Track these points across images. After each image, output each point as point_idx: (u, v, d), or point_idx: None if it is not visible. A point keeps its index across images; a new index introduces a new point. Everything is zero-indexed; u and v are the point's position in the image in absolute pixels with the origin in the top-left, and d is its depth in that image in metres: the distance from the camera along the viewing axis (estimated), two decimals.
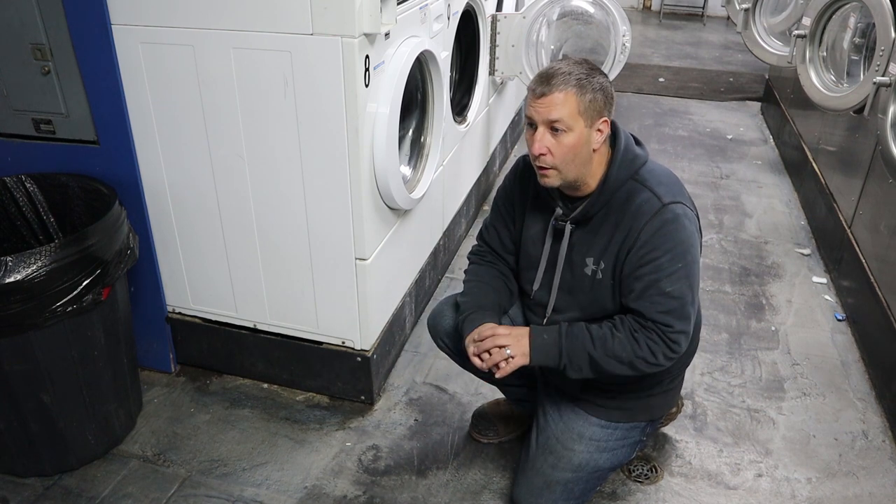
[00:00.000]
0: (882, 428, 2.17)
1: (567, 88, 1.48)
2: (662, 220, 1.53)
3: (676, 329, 1.55)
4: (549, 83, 1.48)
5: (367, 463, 2.02)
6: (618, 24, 3.03)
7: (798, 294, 2.87)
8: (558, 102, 1.48)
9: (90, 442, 1.97)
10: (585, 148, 1.52)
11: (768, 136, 4.59)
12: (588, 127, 1.51)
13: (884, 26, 2.51)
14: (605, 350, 1.57)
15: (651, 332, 1.55)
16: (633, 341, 1.55)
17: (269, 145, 1.89)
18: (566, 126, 1.49)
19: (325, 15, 1.67)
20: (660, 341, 1.55)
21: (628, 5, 8.48)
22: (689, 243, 1.55)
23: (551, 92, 1.48)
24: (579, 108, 1.48)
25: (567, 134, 1.49)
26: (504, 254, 1.83)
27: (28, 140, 2.04)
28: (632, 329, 1.56)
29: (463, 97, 2.92)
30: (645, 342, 1.55)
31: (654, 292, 1.54)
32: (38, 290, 1.64)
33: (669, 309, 1.54)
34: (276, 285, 2.12)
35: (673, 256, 1.52)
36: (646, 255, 1.53)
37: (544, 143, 1.50)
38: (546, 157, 1.52)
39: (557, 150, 1.51)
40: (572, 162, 1.53)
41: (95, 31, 1.83)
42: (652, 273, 1.53)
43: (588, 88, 1.49)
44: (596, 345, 1.57)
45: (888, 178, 2.44)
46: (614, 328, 1.58)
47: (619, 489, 1.95)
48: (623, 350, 1.56)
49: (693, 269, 1.55)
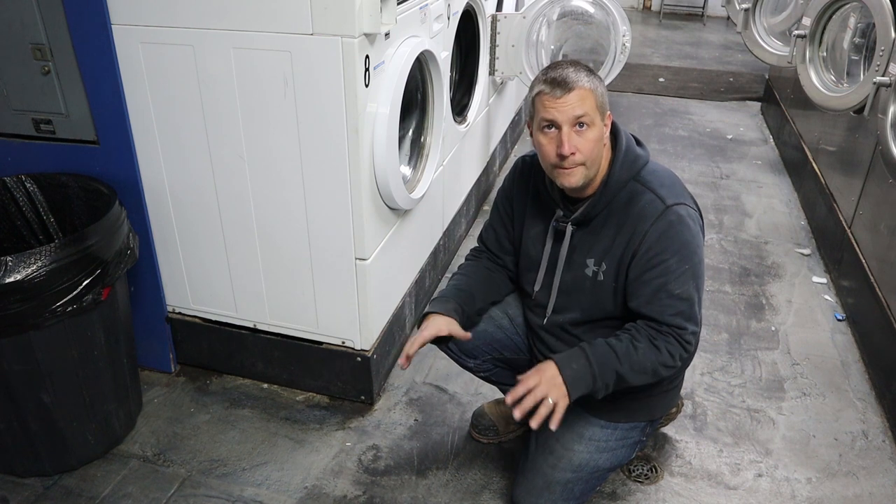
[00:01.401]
0: (882, 428, 2.17)
1: (584, 84, 1.51)
2: (667, 222, 1.54)
3: (689, 331, 1.57)
4: (567, 82, 1.51)
5: (367, 463, 2.02)
6: (618, 24, 3.03)
7: (798, 294, 2.87)
8: (581, 98, 1.51)
9: (90, 442, 1.97)
10: (600, 144, 1.57)
11: (768, 136, 4.59)
12: (601, 121, 1.56)
13: (884, 26, 2.51)
14: (632, 364, 1.55)
15: (668, 336, 1.56)
16: (655, 349, 1.56)
17: (268, 145, 1.89)
18: (590, 121, 1.52)
19: (325, 15, 1.67)
20: (676, 343, 1.56)
21: (628, 5, 8.48)
22: (695, 244, 1.56)
23: (572, 90, 1.50)
24: (596, 101, 1.53)
25: (591, 128, 1.53)
26: (501, 254, 1.84)
27: (28, 140, 2.04)
28: (650, 337, 1.56)
29: (463, 97, 2.92)
30: (665, 347, 1.56)
31: (663, 295, 1.55)
32: (38, 290, 1.64)
33: (680, 311, 1.55)
34: (276, 285, 2.12)
35: (680, 258, 1.54)
36: (653, 258, 1.54)
37: (573, 141, 1.52)
38: (576, 156, 1.53)
39: (585, 146, 1.53)
40: (597, 156, 1.56)
41: (95, 31, 1.83)
42: (661, 276, 1.54)
43: (597, 83, 1.54)
44: (622, 361, 1.55)
45: (888, 178, 2.44)
46: (634, 340, 1.56)
47: (619, 489, 1.95)
48: (647, 360, 1.56)
49: (699, 269, 1.57)
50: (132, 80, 1.90)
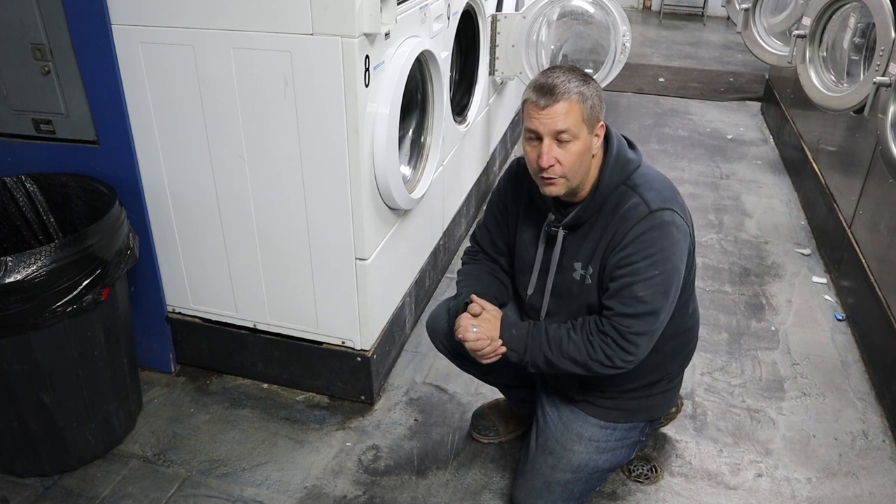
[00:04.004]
0: (882, 428, 2.17)
1: (570, 97, 1.47)
2: (648, 225, 1.52)
3: (635, 330, 1.53)
4: (553, 94, 1.47)
5: (367, 463, 2.02)
6: (618, 24, 3.03)
7: (798, 294, 2.87)
8: (564, 112, 1.47)
9: (90, 442, 1.97)
10: (587, 155, 1.53)
11: (768, 136, 4.59)
12: (589, 134, 1.52)
13: (884, 26, 2.51)
14: (561, 352, 1.59)
15: (606, 337, 1.55)
16: (588, 344, 1.56)
17: (268, 145, 1.89)
18: (573, 135, 1.48)
19: (325, 15, 1.67)
20: (614, 345, 1.54)
21: (628, 5, 8.48)
22: (671, 251, 1.53)
23: (556, 102, 1.47)
24: (583, 115, 1.49)
25: (574, 142, 1.49)
26: (496, 255, 1.83)
27: (28, 140, 2.04)
28: (588, 332, 1.58)
29: (463, 97, 2.92)
30: (599, 346, 1.55)
31: (626, 294, 1.53)
32: (38, 290, 1.64)
33: (637, 312, 1.52)
34: (276, 285, 2.12)
35: (651, 263, 1.51)
36: (624, 258, 1.53)
37: (552, 154, 1.50)
38: (555, 168, 1.51)
39: (566, 160, 1.50)
40: (579, 169, 1.53)
41: (95, 31, 1.83)
42: (628, 276, 1.53)
43: (588, 95, 1.49)
44: (552, 347, 1.60)
45: (888, 178, 2.44)
46: (571, 330, 1.60)
47: (619, 489, 1.95)
48: (577, 352, 1.57)
49: (671, 277, 1.53)
50: (132, 80, 1.90)
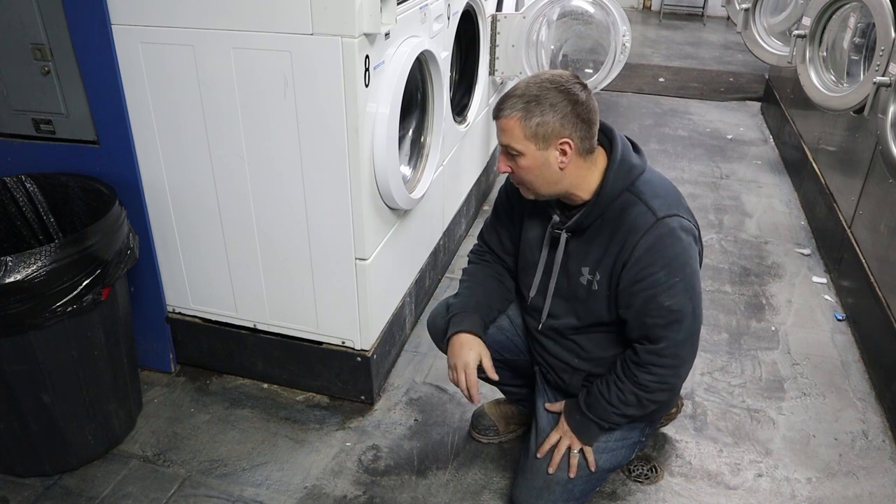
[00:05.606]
0: (882, 428, 2.17)
1: (512, 114, 1.48)
2: (657, 235, 1.52)
3: (676, 340, 1.56)
4: (499, 108, 1.51)
5: (367, 463, 2.02)
6: (618, 24, 3.03)
7: (798, 294, 2.87)
8: (505, 129, 1.51)
9: (90, 442, 1.97)
10: (546, 168, 1.51)
11: (768, 136, 4.59)
12: (542, 149, 1.49)
13: (884, 26, 2.51)
14: (625, 405, 1.65)
15: (646, 367, 1.59)
16: (638, 386, 1.62)
17: (269, 145, 1.89)
18: (516, 150, 1.51)
19: (325, 15, 1.67)
20: (658, 370, 1.59)
21: (628, 5, 8.48)
22: (687, 255, 1.53)
23: (499, 117, 1.51)
24: (525, 133, 1.48)
25: (521, 157, 1.52)
26: (503, 255, 1.84)
27: (28, 140, 2.04)
28: (633, 376, 1.62)
29: (463, 97, 2.92)
30: (647, 380, 1.60)
31: (653, 306, 1.54)
32: (38, 290, 1.64)
33: (669, 322, 1.54)
34: (276, 285, 2.12)
35: (670, 271, 1.52)
36: (641, 270, 1.53)
37: (506, 162, 1.56)
38: (514, 175, 1.57)
39: (517, 171, 1.55)
40: (536, 181, 1.55)
41: (95, 31, 1.83)
42: (650, 288, 1.53)
43: (536, 112, 1.46)
44: (616, 406, 1.66)
45: (888, 178, 2.44)
46: (618, 381, 1.64)
47: (619, 489, 1.95)
48: (633, 397, 1.64)
49: (692, 280, 1.55)
50: (132, 80, 1.90)
